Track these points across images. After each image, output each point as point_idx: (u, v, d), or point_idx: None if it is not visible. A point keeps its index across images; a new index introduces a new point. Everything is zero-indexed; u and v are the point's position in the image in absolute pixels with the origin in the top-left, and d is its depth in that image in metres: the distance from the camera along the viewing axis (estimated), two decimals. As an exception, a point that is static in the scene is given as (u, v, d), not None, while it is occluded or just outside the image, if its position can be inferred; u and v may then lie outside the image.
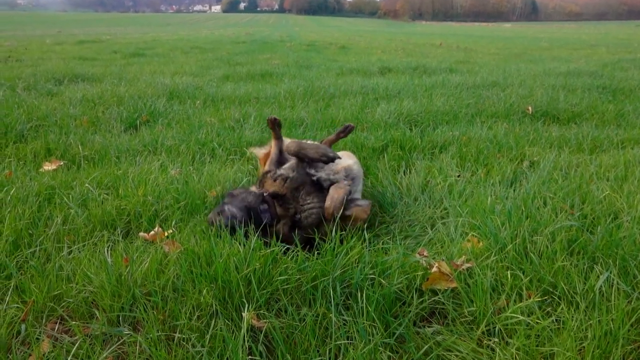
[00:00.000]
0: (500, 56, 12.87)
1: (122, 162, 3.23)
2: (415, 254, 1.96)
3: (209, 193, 2.53)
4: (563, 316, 1.61)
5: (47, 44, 15.80)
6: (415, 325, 1.68)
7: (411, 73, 8.24)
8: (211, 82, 6.98)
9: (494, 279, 1.81)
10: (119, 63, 9.87)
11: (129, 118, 4.44)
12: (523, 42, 20.64)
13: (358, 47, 16.42)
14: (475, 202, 2.45)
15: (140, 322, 1.65)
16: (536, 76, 7.62)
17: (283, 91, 5.89)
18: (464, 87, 6.38)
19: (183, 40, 18.47)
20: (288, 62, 9.95)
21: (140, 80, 6.87)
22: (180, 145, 3.55)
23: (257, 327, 1.60)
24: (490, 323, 1.64)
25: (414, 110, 4.69)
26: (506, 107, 4.96)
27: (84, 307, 1.70)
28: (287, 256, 1.87)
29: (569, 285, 1.74)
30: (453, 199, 2.61)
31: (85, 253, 1.98)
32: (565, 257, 1.88)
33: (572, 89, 6.23)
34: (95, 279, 1.76)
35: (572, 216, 2.24)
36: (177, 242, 2.03)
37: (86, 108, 4.86)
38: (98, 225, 2.27)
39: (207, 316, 1.63)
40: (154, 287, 1.72)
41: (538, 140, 3.77)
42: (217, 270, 1.73)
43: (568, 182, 2.71)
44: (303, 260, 1.84)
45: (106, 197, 2.54)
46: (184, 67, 8.95)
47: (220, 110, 4.86)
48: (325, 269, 1.79)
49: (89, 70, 7.95)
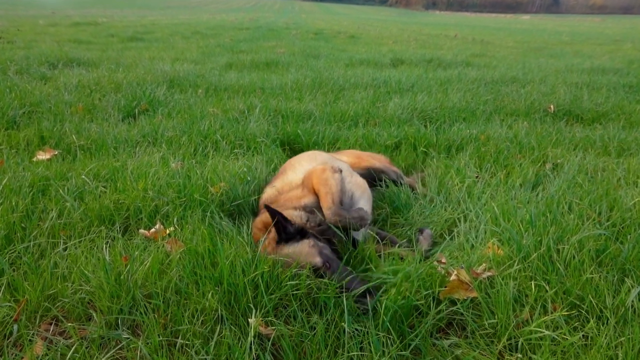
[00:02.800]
0: (519, 50, 12.77)
1: (120, 153, 3.21)
2: (434, 260, 1.94)
3: (212, 189, 2.51)
4: (592, 332, 1.59)
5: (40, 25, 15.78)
6: (432, 337, 1.66)
7: (425, 66, 8.18)
8: (213, 70, 6.94)
9: (517, 289, 1.78)
10: (116, 47, 9.85)
11: (127, 106, 4.42)
12: (543, 36, 20.48)
13: (368, 36, 16.33)
14: (496, 206, 2.42)
15: (140, 326, 1.63)
16: (558, 72, 7.56)
17: (290, 82, 5.86)
18: (482, 82, 6.34)
19: (183, 25, 18.40)
20: (294, 51, 9.90)
21: (138, 66, 6.84)
22: (181, 136, 3.53)
23: (264, 335, 1.59)
24: (512, 337, 1.62)
25: (428, 105, 4.66)
26: (527, 104, 4.91)
27: (81, 308, 1.68)
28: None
29: (597, 299, 1.71)
30: (472, 201, 2.59)
31: (82, 250, 1.97)
32: (594, 269, 1.85)
33: (597, 87, 6.17)
34: (93, 278, 1.75)
35: (600, 224, 2.21)
36: (180, 241, 2.01)
37: (82, 94, 4.85)
38: (95, 220, 2.25)
39: (211, 321, 1.61)
40: (155, 289, 1.70)
41: (561, 141, 3.73)
42: (223, 273, 1.71)
43: (594, 187, 2.68)
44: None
45: (104, 191, 2.52)
46: (184, 54, 8.92)
47: (224, 101, 4.83)
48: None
49: (85, 54, 7.93)
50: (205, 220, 2.23)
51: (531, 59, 10.05)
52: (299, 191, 2.25)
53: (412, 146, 3.59)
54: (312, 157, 2.69)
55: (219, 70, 7.03)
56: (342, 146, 3.55)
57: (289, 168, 2.58)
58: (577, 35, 21.36)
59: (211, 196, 2.47)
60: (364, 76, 6.50)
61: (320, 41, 13.52)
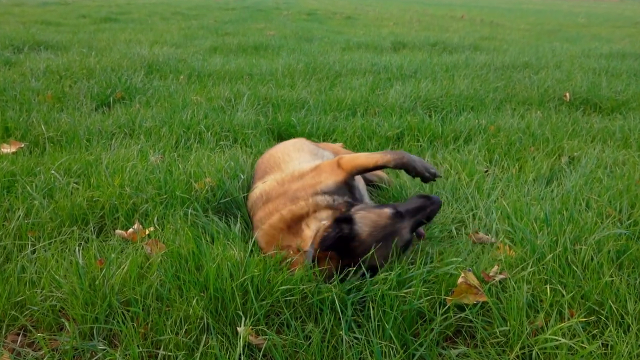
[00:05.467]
0: (532, 33, 12.82)
1: (94, 145, 3.20)
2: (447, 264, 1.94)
3: (197, 185, 2.50)
4: (612, 340, 1.60)
5: (3, 4, 15.63)
6: (438, 346, 1.67)
7: (429, 50, 8.20)
8: (197, 55, 6.93)
9: (531, 293, 1.80)
10: (88, 29, 9.79)
11: (101, 94, 4.40)
12: (557, 17, 20.56)
13: (367, 17, 16.32)
14: (507, 203, 2.43)
15: (117, 336, 1.63)
16: (574, 57, 7.60)
17: (281, 67, 5.85)
18: (491, 67, 6.36)
19: (163, 4, 18.32)
20: (285, 34, 9.88)
21: (113, 50, 6.81)
22: (161, 127, 3.52)
23: (254, 345, 1.59)
24: (525, 345, 1.63)
25: (433, 93, 4.67)
26: (540, 92, 4.94)
27: (51, 317, 1.67)
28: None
29: (618, 304, 1.73)
30: (481, 198, 2.60)
31: (53, 252, 1.96)
32: (614, 271, 1.86)
33: (616, 73, 6.21)
34: (65, 284, 1.74)
35: (621, 223, 2.23)
36: (160, 242, 2.01)
37: (50, 81, 4.82)
38: (67, 219, 2.24)
39: (196, 330, 1.61)
40: (133, 295, 1.70)
41: (578, 133, 3.75)
42: (209, 277, 1.71)
43: (614, 183, 2.70)
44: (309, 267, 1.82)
45: (76, 187, 2.51)
46: (164, 36, 8.88)
47: (208, 88, 4.82)
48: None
49: (54, 36, 7.88)
50: (189, 219, 2.22)
51: (545, 43, 10.09)
52: (314, 177, 2.26)
53: (415, 137, 3.59)
54: (298, 147, 2.70)
55: (202, 55, 7.01)
56: (339, 138, 3.55)
57: (281, 161, 2.57)
58: (594, 17, 21.46)
59: (195, 193, 2.46)
60: (363, 61, 6.49)
61: (313, 22, 13.50)
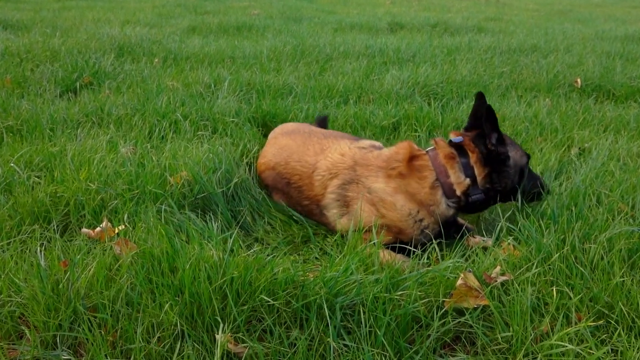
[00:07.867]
0: (541, 13, 12.91)
1: (58, 135, 3.18)
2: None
3: (172, 179, 2.50)
4: (621, 345, 1.63)
5: (-43, -22, 15.43)
6: (435, 353, 1.69)
7: (429, 31, 8.23)
8: (173, 35, 6.92)
9: (536, 296, 1.81)
10: (51, 7, 9.73)
11: (66, 79, 4.39)
12: (569, -4, 20.72)
13: (361, -5, 16.32)
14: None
15: (83, 345, 1.62)
16: (586, 40, 7.66)
17: (266, 50, 5.86)
18: (496, 51, 6.40)
19: (135, -20, 18.19)
20: (272, 13, 9.87)
21: (80, 31, 6.78)
22: (133, 115, 3.51)
23: (234, 353, 1.59)
24: (529, 352, 1.65)
25: (432, 79, 4.69)
26: (549, 78, 4.97)
27: (10, 324, 1.67)
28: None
29: (629, 307, 1.75)
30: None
31: (11, 253, 1.95)
32: (625, 271, 1.88)
33: (631, 58, 6.26)
34: (25, 288, 1.73)
35: (634, 219, 2.25)
36: (131, 242, 2.01)
37: (9, 64, 4.79)
38: (27, 217, 2.23)
39: (170, 338, 1.61)
40: (101, 300, 1.69)
41: (589, 122, 3.79)
42: (184, 280, 1.71)
43: (627, 176, 2.72)
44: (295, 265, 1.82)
45: (37, 181, 2.50)
46: (136, 15, 8.85)
47: (185, 72, 4.82)
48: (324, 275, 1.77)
49: (13, 15, 7.83)
50: (163, 216, 2.22)
51: (555, 24, 10.15)
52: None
53: (412, 127, 3.61)
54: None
55: (179, 36, 7.00)
56: (330, 127, 3.55)
57: (327, 141, 2.66)
58: (609, -4, 21.61)
59: (170, 187, 2.46)
60: (356, 43, 6.51)
61: (302, 1, 13.47)
